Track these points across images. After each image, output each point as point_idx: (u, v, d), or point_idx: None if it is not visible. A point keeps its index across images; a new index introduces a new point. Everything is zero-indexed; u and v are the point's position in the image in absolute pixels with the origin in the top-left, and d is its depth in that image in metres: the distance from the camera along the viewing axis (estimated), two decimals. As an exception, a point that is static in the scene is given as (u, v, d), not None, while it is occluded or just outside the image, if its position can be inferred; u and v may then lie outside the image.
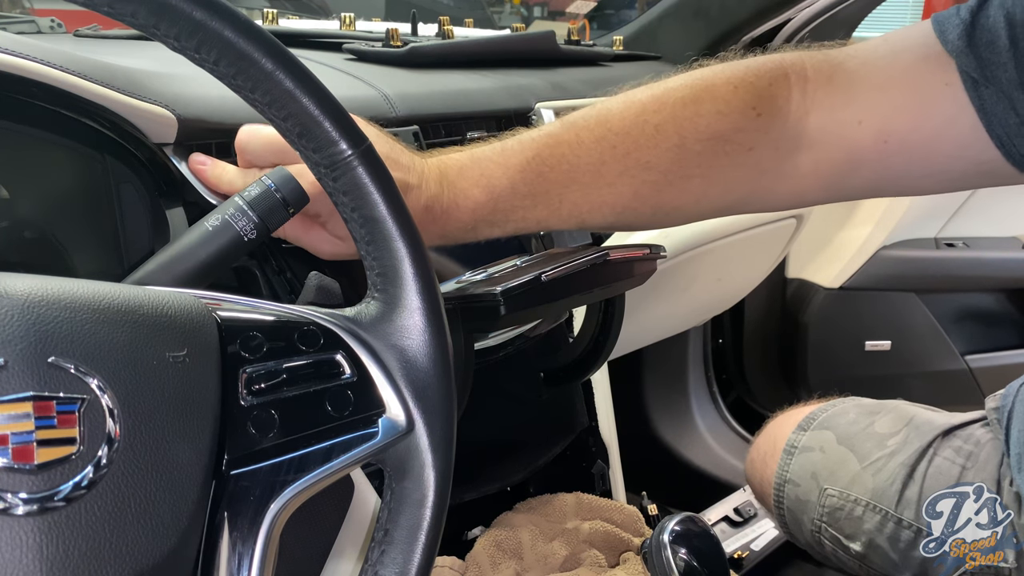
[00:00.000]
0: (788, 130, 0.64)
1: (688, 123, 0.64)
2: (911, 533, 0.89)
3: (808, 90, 0.64)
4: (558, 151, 0.65)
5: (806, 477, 0.98)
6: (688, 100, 0.64)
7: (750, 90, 0.64)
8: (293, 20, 1.29)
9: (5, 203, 0.63)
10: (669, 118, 0.64)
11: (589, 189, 0.65)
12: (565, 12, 4.35)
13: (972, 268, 1.74)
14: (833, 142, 0.64)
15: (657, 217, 0.69)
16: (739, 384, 1.88)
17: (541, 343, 0.99)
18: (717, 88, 0.64)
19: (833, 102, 0.63)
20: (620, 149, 0.64)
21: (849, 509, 0.94)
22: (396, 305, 0.48)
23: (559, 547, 0.90)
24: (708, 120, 0.63)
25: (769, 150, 0.64)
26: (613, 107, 0.66)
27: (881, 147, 0.62)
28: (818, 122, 0.64)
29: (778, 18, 1.49)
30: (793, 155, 0.65)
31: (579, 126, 0.66)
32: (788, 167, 0.65)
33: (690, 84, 0.65)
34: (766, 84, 0.64)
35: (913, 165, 0.63)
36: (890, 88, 0.62)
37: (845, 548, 0.94)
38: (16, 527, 0.36)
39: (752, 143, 0.64)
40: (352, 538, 0.62)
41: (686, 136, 0.63)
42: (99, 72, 0.62)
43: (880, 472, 0.93)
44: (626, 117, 0.65)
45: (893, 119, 0.61)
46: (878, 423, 0.99)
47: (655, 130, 0.64)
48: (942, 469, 0.91)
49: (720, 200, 0.67)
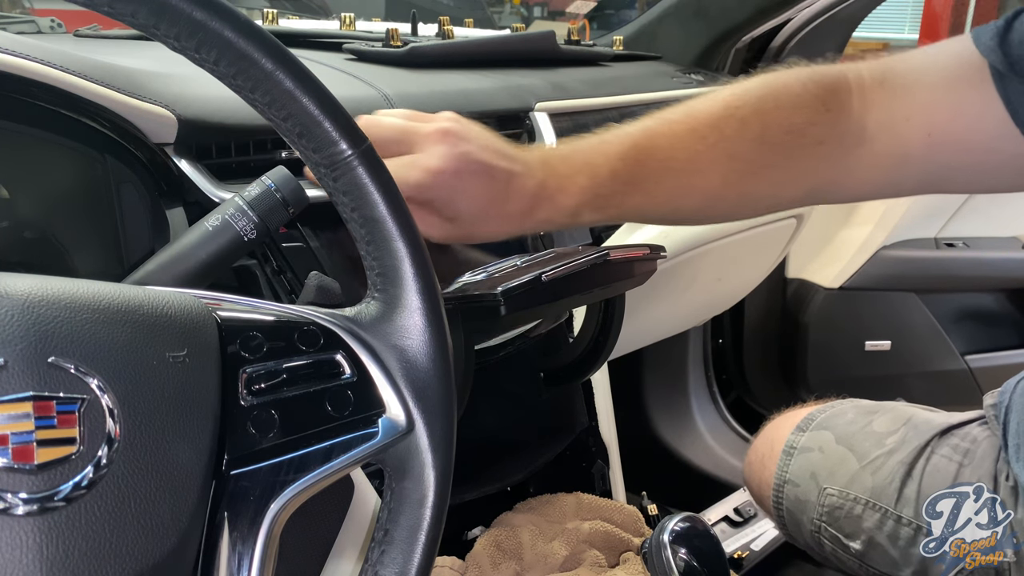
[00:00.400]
0: (851, 125, 0.71)
1: (768, 116, 0.71)
2: (910, 531, 0.89)
3: (865, 90, 0.71)
4: (654, 141, 0.72)
5: (805, 477, 0.98)
6: (767, 96, 0.72)
7: (819, 88, 0.71)
8: (293, 20, 1.29)
9: (5, 203, 0.63)
10: (752, 112, 0.71)
11: (682, 176, 0.72)
12: (565, 12, 4.35)
13: (972, 268, 1.74)
14: (887, 137, 0.70)
15: (742, 205, 0.76)
16: (739, 384, 1.88)
17: (541, 343, 0.99)
18: (791, 86, 0.72)
19: (886, 100, 0.70)
20: (709, 140, 0.71)
21: (849, 508, 0.94)
22: (396, 305, 0.48)
23: (559, 547, 0.90)
24: (786, 113, 0.71)
25: (836, 144, 0.71)
26: (699, 104, 0.73)
27: (926, 140, 0.68)
28: (875, 119, 0.71)
29: (778, 18, 1.49)
30: (856, 149, 0.72)
31: (671, 120, 0.73)
32: (852, 160, 0.72)
33: (767, 82, 0.73)
34: (831, 84, 0.72)
35: (955, 158, 0.69)
36: (931, 87, 0.69)
37: (845, 547, 0.94)
38: (16, 527, 0.36)
39: (822, 137, 0.71)
40: (352, 538, 0.62)
41: (767, 128, 0.71)
42: (99, 72, 0.62)
43: (879, 471, 0.94)
44: (713, 112, 0.72)
45: (934, 114, 0.68)
46: (876, 422, 0.99)
47: (740, 123, 0.71)
48: (940, 467, 0.91)
49: (796, 189, 0.74)
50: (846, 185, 0.74)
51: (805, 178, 0.73)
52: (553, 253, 0.82)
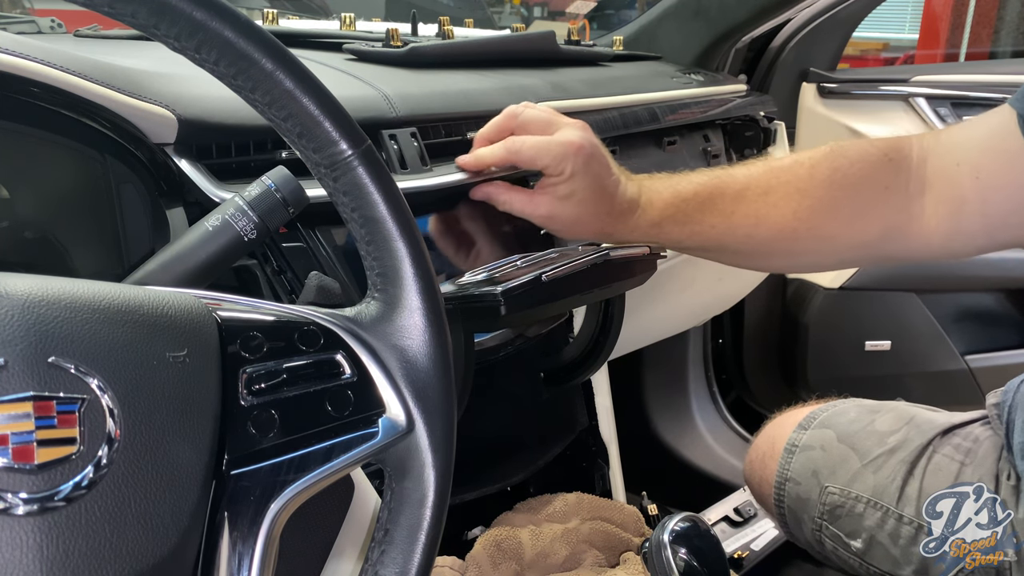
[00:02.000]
0: (912, 173, 0.79)
1: (836, 163, 0.80)
2: (911, 529, 0.90)
3: (924, 144, 0.80)
4: (734, 172, 0.83)
5: (807, 475, 0.99)
6: (836, 149, 0.82)
7: (883, 143, 0.81)
8: (293, 20, 1.29)
9: (5, 203, 0.63)
10: (822, 159, 0.81)
11: (757, 204, 0.81)
12: (565, 12, 4.35)
13: (972, 268, 1.74)
14: (944, 183, 0.78)
15: (814, 240, 0.82)
16: (739, 384, 1.88)
17: (541, 343, 0.99)
18: (858, 144, 0.83)
19: (940, 150, 0.79)
20: (782, 178, 0.81)
21: (850, 507, 0.94)
22: (396, 305, 0.48)
23: (559, 547, 0.90)
24: (852, 160, 0.80)
25: (901, 190, 0.79)
26: (775, 159, 0.84)
27: (975, 183, 0.76)
28: (931, 167, 0.79)
29: (778, 18, 1.49)
30: (919, 197, 0.79)
31: (749, 163, 0.84)
32: (916, 207, 0.79)
33: (837, 144, 0.82)
34: (894, 141, 0.81)
35: (1004, 200, 0.75)
36: (977, 137, 0.78)
37: (846, 546, 0.94)
38: (16, 527, 0.36)
39: (887, 183, 0.79)
40: (352, 538, 0.62)
41: (835, 171, 0.80)
42: (99, 72, 0.62)
43: (880, 469, 0.94)
44: (786, 160, 0.83)
45: (980, 158, 0.76)
46: (878, 421, 0.99)
47: (811, 167, 0.81)
48: (941, 466, 0.92)
49: (866, 231, 0.81)
50: (914, 231, 0.79)
51: (874, 220, 0.80)
52: (553, 253, 0.82)
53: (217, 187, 0.67)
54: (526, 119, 0.80)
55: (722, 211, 0.81)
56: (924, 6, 5.19)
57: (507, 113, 0.81)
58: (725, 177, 0.82)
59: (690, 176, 0.84)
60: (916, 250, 0.82)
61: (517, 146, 0.78)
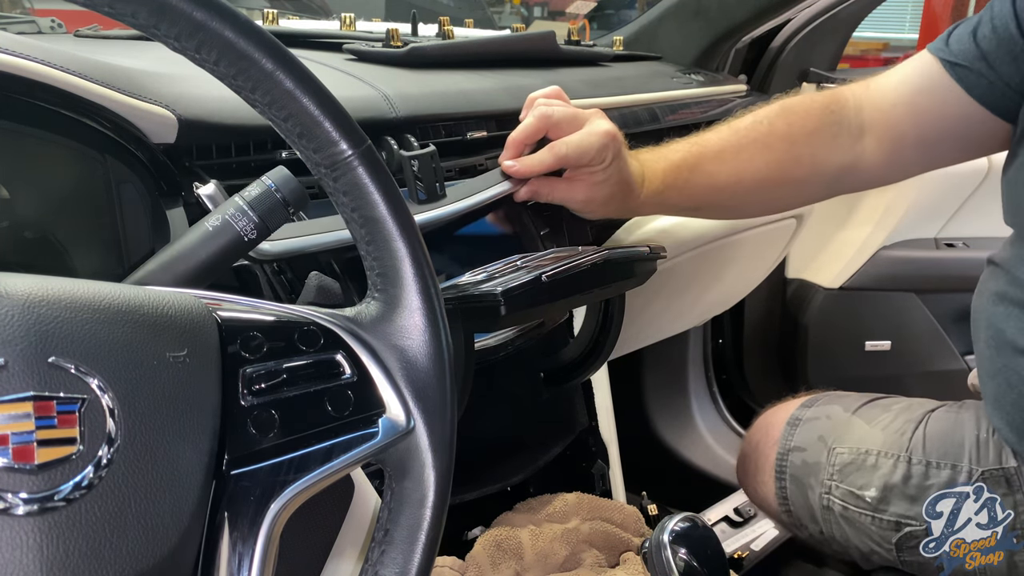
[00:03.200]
0: (852, 121, 0.93)
1: (789, 118, 0.93)
2: (922, 468, 0.93)
3: (856, 94, 0.94)
4: (706, 137, 0.94)
5: (813, 440, 1.01)
6: (785, 107, 0.94)
7: (821, 98, 0.95)
8: (293, 20, 1.29)
9: (5, 203, 0.63)
10: (775, 117, 0.94)
11: (734, 163, 0.92)
12: (565, 12, 4.35)
13: (972, 268, 1.73)
14: (883, 123, 0.92)
15: (786, 186, 0.95)
16: (739, 384, 1.88)
17: (541, 343, 0.99)
18: (802, 100, 0.95)
19: (874, 97, 0.93)
20: (749, 136, 0.93)
21: (861, 461, 0.97)
22: (396, 305, 0.48)
23: (559, 547, 0.90)
24: (800, 115, 0.93)
25: (846, 136, 0.93)
26: (734, 120, 0.95)
27: (914, 119, 0.90)
28: (869, 113, 0.93)
29: (778, 18, 1.49)
30: (860, 140, 0.93)
31: (717, 129, 0.95)
32: (859, 148, 0.94)
33: (782, 102, 0.95)
34: (830, 95, 0.95)
35: (937, 130, 0.90)
36: (907, 80, 0.92)
37: (858, 499, 0.95)
38: (16, 527, 0.36)
39: (834, 132, 0.93)
40: (352, 538, 0.62)
41: (790, 127, 0.93)
42: (99, 72, 0.62)
43: (888, 427, 0.98)
44: (745, 121, 0.94)
45: (915, 97, 0.90)
46: (879, 400, 1.04)
47: (768, 125, 0.93)
48: (942, 417, 0.97)
49: (824, 174, 0.94)
50: (861, 167, 0.94)
51: (830, 163, 0.93)
52: (553, 253, 0.82)
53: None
54: (558, 119, 0.85)
55: (708, 173, 0.92)
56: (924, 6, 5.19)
57: (539, 115, 0.85)
58: (701, 142, 0.93)
59: (671, 146, 0.94)
60: (866, 182, 0.97)
61: (563, 151, 0.84)
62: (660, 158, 0.93)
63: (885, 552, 0.94)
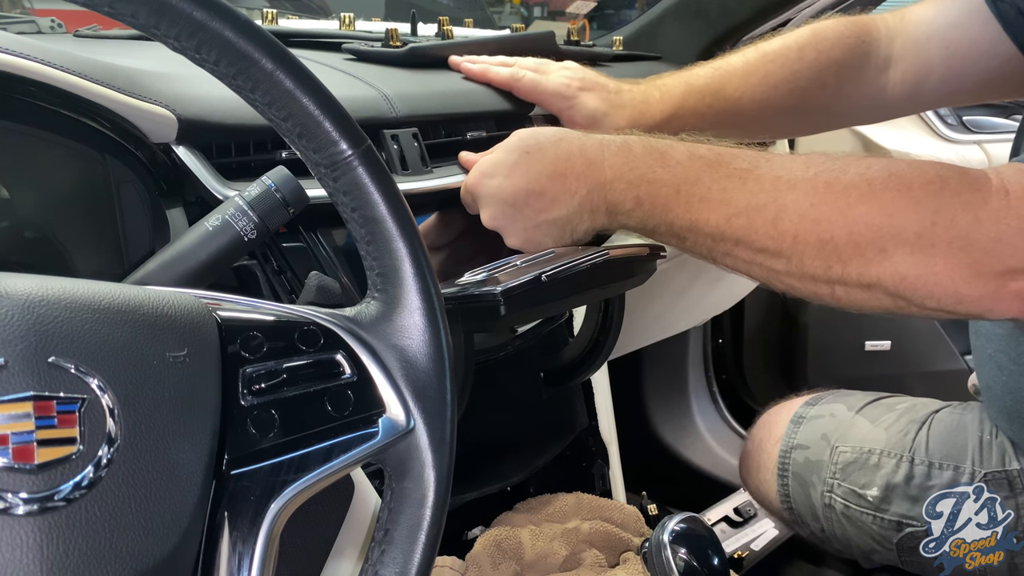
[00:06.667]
0: (882, 52, 0.95)
1: (820, 44, 0.93)
2: (924, 468, 0.93)
3: (890, 25, 0.95)
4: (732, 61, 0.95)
5: (816, 439, 1.01)
6: (816, 31, 0.95)
7: (855, 27, 0.95)
8: (293, 20, 1.29)
9: (5, 203, 0.63)
10: (806, 43, 0.94)
11: (759, 87, 0.93)
12: (565, 12, 4.34)
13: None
14: (913, 55, 0.93)
15: (808, 112, 0.96)
16: (739, 384, 1.88)
17: (541, 343, 0.99)
18: (834, 27, 0.95)
19: (908, 30, 0.93)
20: (777, 62, 0.93)
21: (864, 460, 0.97)
22: (396, 305, 0.48)
23: (559, 547, 0.90)
24: (832, 43, 0.94)
25: (873, 68, 0.95)
26: (762, 43, 0.96)
27: (943, 52, 0.91)
28: (900, 45, 0.94)
29: (778, 18, 1.49)
30: (887, 71, 0.95)
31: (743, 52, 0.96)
32: (883, 79, 0.95)
33: (813, 27, 0.95)
34: (865, 21, 0.96)
35: (966, 65, 0.90)
36: (945, 14, 0.91)
37: (860, 498, 0.95)
38: (16, 527, 0.36)
39: (863, 63, 0.94)
40: (352, 538, 0.62)
41: (820, 54, 0.93)
42: (99, 72, 0.62)
43: (892, 427, 0.98)
44: (772, 45, 0.95)
45: (949, 31, 0.90)
46: (884, 399, 1.04)
47: (798, 51, 0.93)
48: (944, 419, 0.97)
49: (847, 102, 0.95)
50: (884, 100, 0.96)
51: (853, 92, 0.94)
52: (553, 253, 0.82)
53: (221, 184, 0.67)
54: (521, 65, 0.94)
55: (730, 97, 0.93)
56: (924, 6, 5.19)
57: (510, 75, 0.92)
58: (725, 67, 0.95)
59: (694, 70, 0.96)
60: (884, 114, 1.01)
61: (520, 75, 0.91)
62: (681, 82, 0.95)
63: (886, 552, 0.94)
